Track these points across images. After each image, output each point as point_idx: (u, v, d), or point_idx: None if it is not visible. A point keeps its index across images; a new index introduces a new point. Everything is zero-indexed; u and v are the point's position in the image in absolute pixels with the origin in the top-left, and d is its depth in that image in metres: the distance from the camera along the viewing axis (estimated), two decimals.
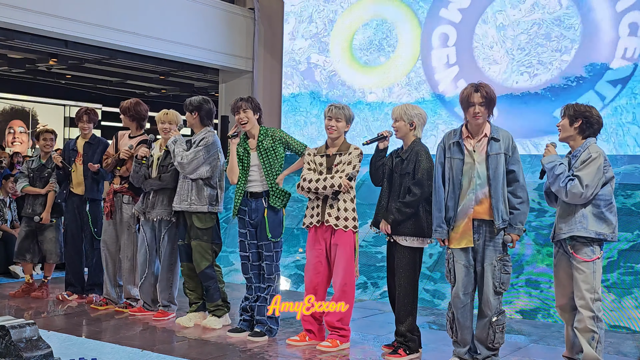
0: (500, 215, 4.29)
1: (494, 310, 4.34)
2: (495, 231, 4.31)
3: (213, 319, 5.56)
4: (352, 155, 4.94)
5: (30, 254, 6.84)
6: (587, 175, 4.17)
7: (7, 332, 3.78)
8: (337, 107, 5.00)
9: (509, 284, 4.38)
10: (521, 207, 4.33)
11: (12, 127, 19.11)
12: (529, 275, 6.60)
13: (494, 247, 4.33)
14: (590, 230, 4.21)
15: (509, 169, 4.33)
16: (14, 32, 9.46)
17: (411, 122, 4.74)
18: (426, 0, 9.68)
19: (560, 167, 4.23)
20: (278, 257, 5.28)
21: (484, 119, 4.36)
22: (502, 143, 4.32)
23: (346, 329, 4.98)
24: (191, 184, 5.51)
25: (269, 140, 5.24)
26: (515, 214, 4.32)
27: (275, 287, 5.28)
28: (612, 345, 5.22)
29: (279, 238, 5.26)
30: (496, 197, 4.29)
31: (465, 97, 4.36)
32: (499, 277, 4.31)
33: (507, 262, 4.35)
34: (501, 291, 4.34)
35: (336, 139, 5.01)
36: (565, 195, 4.21)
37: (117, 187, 6.15)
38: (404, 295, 4.72)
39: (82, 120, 6.63)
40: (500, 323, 4.35)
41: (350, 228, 4.90)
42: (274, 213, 5.22)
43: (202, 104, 5.59)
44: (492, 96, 4.36)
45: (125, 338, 5.19)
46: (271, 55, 12.00)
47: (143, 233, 5.90)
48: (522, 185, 4.34)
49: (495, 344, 4.37)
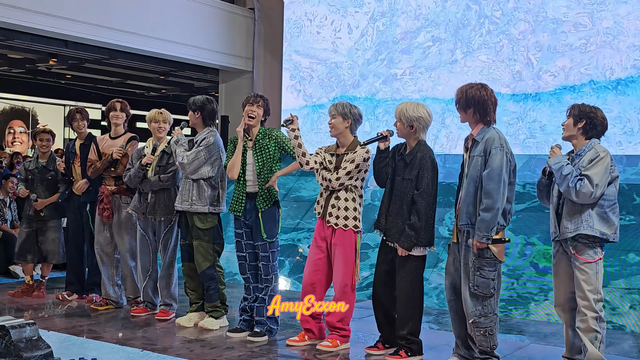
0: (467, 217, 4.25)
1: (471, 311, 4.26)
2: (464, 231, 4.29)
3: (210, 320, 5.55)
4: (357, 154, 4.88)
5: (31, 255, 6.83)
6: (596, 175, 4.15)
7: (7, 332, 3.78)
8: (333, 105, 4.99)
9: (490, 289, 4.24)
10: (482, 213, 4.17)
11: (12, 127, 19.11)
12: (529, 275, 6.60)
13: (469, 248, 4.29)
14: (596, 229, 4.20)
15: (483, 173, 4.25)
16: (14, 32, 9.47)
17: (411, 125, 4.62)
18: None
19: (568, 168, 4.20)
20: (275, 257, 5.26)
21: (463, 119, 4.39)
22: (481, 146, 4.27)
23: (347, 329, 4.97)
24: (192, 184, 5.51)
25: (266, 141, 5.24)
26: (477, 219, 4.22)
27: (273, 287, 5.26)
28: (613, 345, 5.22)
29: (275, 238, 5.23)
30: (464, 198, 4.28)
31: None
32: (472, 280, 4.24)
33: (483, 266, 4.22)
34: (478, 294, 4.24)
35: (339, 136, 4.98)
36: (575, 195, 4.17)
37: (114, 189, 6.14)
38: (406, 299, 4.65)
39: (76, 120, 6.63)
40: (481, 326, 4.25)
41: (351, 228, 4.87)
42: (269, 213, 5.21)
43: (205, 104, 5.59)
44: (462, 97, 4.32)
45: (125, 338, 5.19)
46: (271, 55, 12.00)
47: (143, 233, 5.90)
48: (487, 191, 4.18)
49: (479, 346, 4.29)
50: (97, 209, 6.20)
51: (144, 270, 5.94)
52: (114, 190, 6.13)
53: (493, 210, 4.16)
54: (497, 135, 4.29)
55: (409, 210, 4.59)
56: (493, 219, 4.16)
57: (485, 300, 4.26)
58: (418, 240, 4.54)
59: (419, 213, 4.54)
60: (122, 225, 6.14)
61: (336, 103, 5.01)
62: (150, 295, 6.00)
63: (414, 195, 4.57)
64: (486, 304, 4.27)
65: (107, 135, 6.41)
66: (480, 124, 4.35)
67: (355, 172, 4.87)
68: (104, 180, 6.20)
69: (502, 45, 9.10)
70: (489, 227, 4.16)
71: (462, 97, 4.34)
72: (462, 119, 4.44)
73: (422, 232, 4.55)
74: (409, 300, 4.66)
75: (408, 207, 4.59)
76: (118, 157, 6.08)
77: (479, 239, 4.19)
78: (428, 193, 4.55)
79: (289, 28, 11.04)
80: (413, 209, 4.57)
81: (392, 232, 4.64)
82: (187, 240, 5.61)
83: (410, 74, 9.90)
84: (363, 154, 4.87)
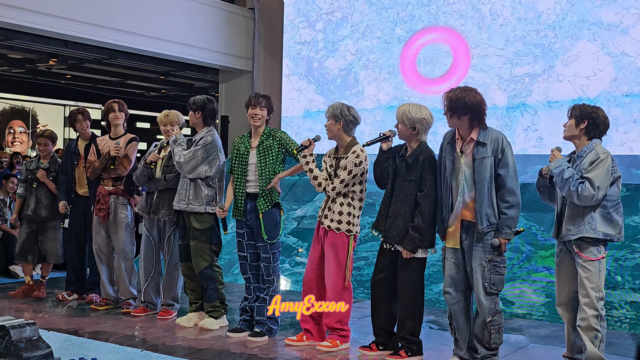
0: (485, 219, 4.27)
1: (487, 310, 4.32)
2: (481, 234, 4.30)
3: (210, 320, 5.56)
4: (348, 159, 4.85)
5: (31, 255, 6.84)
6: (597, 177, 4.16)
7: (7, 332, 3.78)
8: (329, 107, 5.00)
9: (503, 284, 4.35)
10: (508, 211, 4.27)
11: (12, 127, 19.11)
12: (530, 275, 6.60)
13: (482, 248, 4.31)
14: (599, 231, 4.22)
15: (497, 172, 4.28)
16: (14, 32, 9.46)
17: (413, 126, 4.60)
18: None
19: (569, 171, 4.20)
20: (276, 258, 5.25)
21: (454, 124, 4.38)
22: (489, 147, 4.28)
23: (346, 329, 4.97)
24: (189, 184, 5.51)
25: (270, 141, 5.24)
26: (502, 218, 4.28)
27: (274, 287, 5.26)
28: (612, 345, 5.22)
29: (276, 239, 5.22)
30: (480, 201, 4.28)
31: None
32: (488, 278, 4.29)
33: (498, 263, 4.31)
34: (493, 292, 4.31)
35: (335, 138, 4.98)
36: (576, 198, 4.18)
37: (111, 189, 6.14)
38: (407, 299, 4.65)
39: (78, 120, 6.63)
40: (495, 324, 4.33)
41: (343, 231, 4.86)
42: (270, 215, 5.20)
43: (206, 104, 5.60)
44: (458, 104, 4.30)
45: (125, 338, 5.19)
46: (271, 55, 12.00)
47: (147, 233, 5.90)
48: (510, 189, 4.26)
49: (492, 344, 4.35)
50: (94, 209, 6.21)
51: (146, 270, 5.94)
52: (112, 191, 6.13)
53: (518, 206, 4.31)
54: (502, 134, 4.35)
55: (412, 212, 4.57)
56: (518, 215, 4.31)
57: (496, 298, 4.35)
58: (422, 242, 4.54)
59: (422, 215, 4.53)
60: (119, 226, 6.14)
61: (331, 105, 5.01)
62: (151, 296, 6.01)
63: (418, 196, 4.56)
64: (496, 301, 4.37)
65: (106, 136, 6.41)
66: (476, 128, 4.34)
67: (350, 178, 4.83)
68: (102, 180, 6.19)
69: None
70: (516, 222, 4.30)
71: (458, 103, 4.31)
72: (451, 124, 4.42)
73: (425, 234, 4.54)
74: (409, 300, 4.66)
75: (411, 209, 4.58)
76: (115, 154, 6.08)
77: (507, 236, 4.28)
78: (432, 195, 4.54)
79: (289, 28, 11.04)
80: (416, 210, 4.56)
81: (392, 234, 4.63)
82: (185, 240, 5.61)
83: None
84: (353, 159, 4.82)
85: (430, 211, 4.53)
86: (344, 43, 10.31)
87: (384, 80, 9.86)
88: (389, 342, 4.79)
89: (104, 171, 6.17)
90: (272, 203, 5.19)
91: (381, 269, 4.78)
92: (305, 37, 10.80)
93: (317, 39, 10.66)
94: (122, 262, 6.14)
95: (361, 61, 10.12)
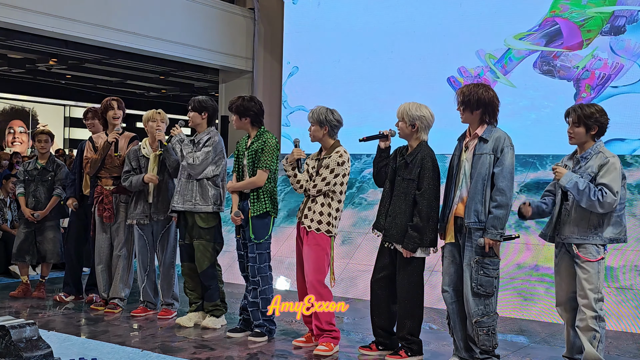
0: (474, 215, 4.24)
1: (473, 311, 4.26)
2: (467, 230, 4.28)
3: (212, 319, 5.56)
4: (331, 159, 4.87)
5: (29, 256, 6.83)
6: (613, 182, 4.14)
7: (7, 332, 3.78)
8: (311, 112, 5.00)
9: (493, 287, 4.26)
10: (495, 210, 4.21)
11: (12, 127, 19.13)
12: (530, 274, 6.60)
13: (472, 248, 4.28)
14: (605, 238, 4.22)
15: (493, 171, 4.26)
16: (14, 32, 9.46)
17: (413, 124, 4.62)
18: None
19: (582, 182, 4.15)
20: (262, 259, 5.18)
21: (466, 119, 4.39)
22: (490, 144, 4.27)
23: (336, 329, 4.97)
24: (195, 184, 5.50)
25: (259, 144, 5.23)
26: (489, 217, 4.23)
27: (263, 289, 5.18)
28: (612, 345, 5.22)
29: (262, 240, 5.16)
30: (472, 196, 4.26)
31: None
32: (476, 279, 4.24)
33: (486, 265, 4.24)
34: (481, 293, 4.24)
35: (319, 142, 4.99)
36: (599, 207, 4.13)
37: (112, 188, 6.12)
38: (407, 299, 4.65)
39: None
40: (483, 325, 4.26)
41: (323, 232, 4.85)
42: (259, 218, 5.15)
43: (211, 104, 5.63)
44: (471, 98, 4.31)
45: (125, 338, 5.19)
46: (271, 55, 12.00)
47: (141, 232, 5.90)
48: (500, 188, 4.22)
49: (481, 345, 4.29)
50: (96, 209, 6.18)
51: (142, 269, 5.95)
52: (113, 190, 6.12)
53: (507, 207, 4.22)
54: (506, 135, 4.33)
55: (411, 211, 4.58)
56: (506, 216, 4.23)
57: (487, 299, 4.27)
58: (422, 241, 4.54)
59: (420, 214, 4.53)
60: (121, 225, 6.13)
61: (313, 110, 4.99)
62: (150, 295, 6.01)
63: (416, 195, 4.56)
64: (488, 303, 4.28)
65: (102, 133, 6.38)
66: (484, 124, 4.35)
67: (331, 177, 4.84)
68: (101, 180, 6.15)
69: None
70: (503, 224, 4.23)
71: (471, 98, 4.33)
72: (464, 119, 4.42)
73: (425, 233, 4.53)
74: (409, 300, 4.66)
75: (410, 208, 4.58)
76: (113, 139, 6.06)
77: (493, 237, 4.21)
78: (429, 193, 4.53)
79: (289, 28, 11.04)
80: (415, 209, 4.56)
81: (392, 232, 4.63)
82: (186, 240, 5.62)
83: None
84: (337, 159, 4.85)
85: (428, 210, 4.52)
86: (344, 42, 10.32)
87: (384, 80, 9.87)
88: (388, 342, 4.79)
89: (104, 165, 6.12)
90: (262, 210, 5.15)
91: (381, 269, 4.78)
92: (306, 37, 10.80)
93: (317, 38, 10.66)
94: (122, 261, 6.13)
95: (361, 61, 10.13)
